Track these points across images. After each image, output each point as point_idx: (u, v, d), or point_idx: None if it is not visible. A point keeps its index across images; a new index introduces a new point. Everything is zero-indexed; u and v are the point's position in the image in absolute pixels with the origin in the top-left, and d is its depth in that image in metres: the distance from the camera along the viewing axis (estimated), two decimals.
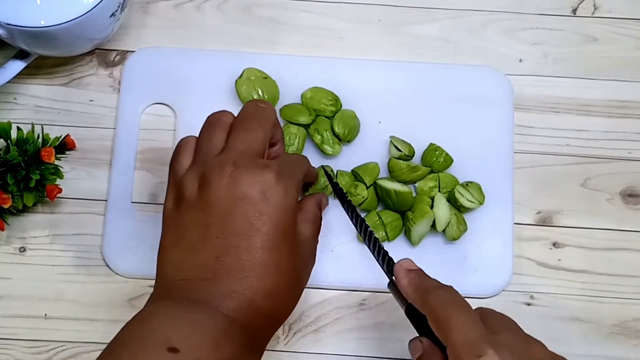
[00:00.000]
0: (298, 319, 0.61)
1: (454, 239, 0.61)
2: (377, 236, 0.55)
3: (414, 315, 0.49)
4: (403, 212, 0.62)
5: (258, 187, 0.48)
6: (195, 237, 0.48)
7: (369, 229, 0.55)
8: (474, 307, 0.46)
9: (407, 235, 0.61)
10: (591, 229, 0.63)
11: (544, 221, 0.64)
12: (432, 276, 0.61)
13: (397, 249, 0.61)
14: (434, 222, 0.61)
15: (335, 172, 0.63)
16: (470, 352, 0.43)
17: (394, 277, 0.51)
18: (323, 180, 0.61)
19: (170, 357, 0.42)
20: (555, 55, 0.68)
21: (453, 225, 0.61)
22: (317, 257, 0.55)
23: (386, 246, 0.61)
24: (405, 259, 0.51)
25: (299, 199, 0.53)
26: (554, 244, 0.63)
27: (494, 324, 0.46)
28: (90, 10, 0.59)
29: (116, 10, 0.61)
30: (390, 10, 0.68)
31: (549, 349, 0.61)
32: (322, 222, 0.56)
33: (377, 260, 0.54)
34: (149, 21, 0.68)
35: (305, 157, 0.56)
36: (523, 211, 0.64)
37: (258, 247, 0.47)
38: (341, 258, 0.62)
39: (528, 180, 0.64)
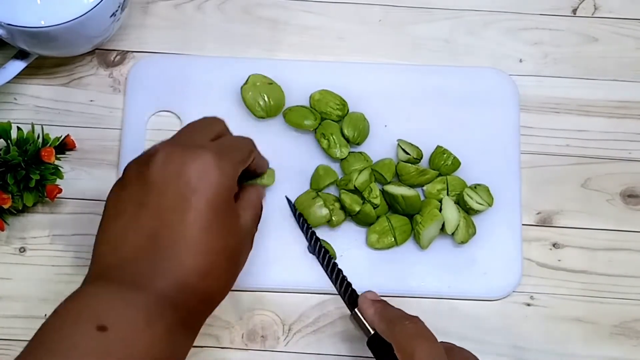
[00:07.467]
0: (298, 320, 0.61)
1: (463, 242, 0.61)
2: (340, 268, 0.57)
3: (376, 345, 0.52)
4: (411, 215, 0.61)
5: (193, 166, 0.47)
6: (130, 215, 0.48)
7: (332, 261, 0.57)
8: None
9: (417, 238, 0.61)
10: (591, 229, 0.63)
11: (544, 221, 0.63)
12: (443, 279, 0.61)
13: (406, 253, 0.62)
14: (443, 225, 0.60)
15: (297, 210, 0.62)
16: None
17: (356, 309, 0.54)
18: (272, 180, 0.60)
19: (98, 336, 0.42)
20: (555, 55, 0.68)
21: (462, 228, 0.60)
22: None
23: (395, 250, 0.61)
24: (369, 291, 0.55)
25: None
26: (554, 245, 0.63)
27: (458, 357, 0.49)
28: (90, 10, 0.59)
29: (116, 10, 0.61)
30: (391, 11, 0.68)
31: (549, 349, 0.61)
32: (328, 231, 0.57)
33: (339, 292, 0.57)
34: (149, 21, 0.68)
35: (250, 140, 0.55)
36: (523, 212, 0.63)
37: (190, 223, 0.47)
38: (349, 263, 0.61)
39: (528, 180, 0.64)
